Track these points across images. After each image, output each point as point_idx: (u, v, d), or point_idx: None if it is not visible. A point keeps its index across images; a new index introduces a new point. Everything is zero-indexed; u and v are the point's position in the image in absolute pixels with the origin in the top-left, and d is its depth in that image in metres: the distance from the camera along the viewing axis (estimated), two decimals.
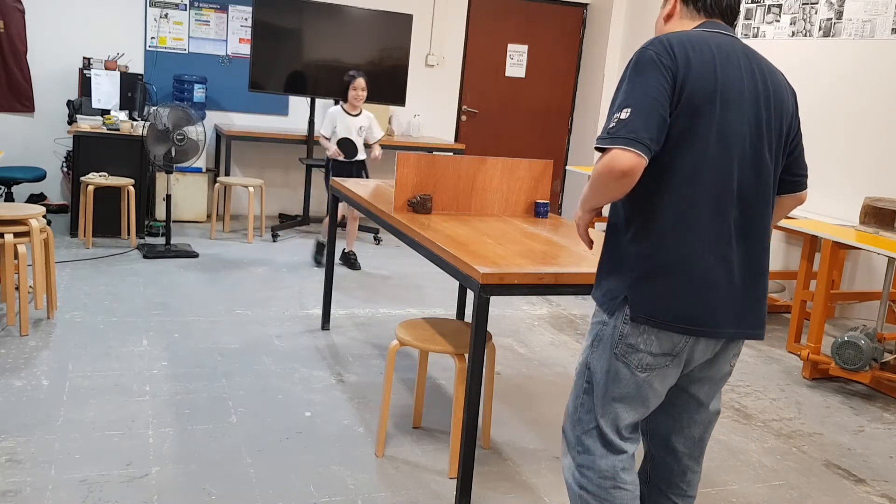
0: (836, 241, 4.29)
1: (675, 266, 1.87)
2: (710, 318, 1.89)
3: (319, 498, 2.75)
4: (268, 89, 6.60)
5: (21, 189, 6.53)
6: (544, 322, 5.03)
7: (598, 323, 2.03)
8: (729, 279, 1.90)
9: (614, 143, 1.78)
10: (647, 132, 1.78)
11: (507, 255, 2.77)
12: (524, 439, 3.35)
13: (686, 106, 1.83)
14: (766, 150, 1.93)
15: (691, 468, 2.17)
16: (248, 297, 4.95)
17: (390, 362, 3.05)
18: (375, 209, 3.59)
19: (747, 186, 1.90)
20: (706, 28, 1.97)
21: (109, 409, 3.27)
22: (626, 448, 2.03)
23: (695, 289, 1.87)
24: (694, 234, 1.87)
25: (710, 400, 2.11)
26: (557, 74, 8.36)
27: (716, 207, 1.87)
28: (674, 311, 1.88)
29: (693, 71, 1.83)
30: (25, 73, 6.63)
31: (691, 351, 1.95)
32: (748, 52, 1.96)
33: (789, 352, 4.84)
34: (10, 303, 4.01)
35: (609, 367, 1.98)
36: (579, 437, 2.05)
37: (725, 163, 1.87)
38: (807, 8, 5.99)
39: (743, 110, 1.88)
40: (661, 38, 1.88)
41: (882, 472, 3.37)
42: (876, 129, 5.43)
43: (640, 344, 1.93)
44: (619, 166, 1.77)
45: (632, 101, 1.80)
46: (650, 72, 1.82)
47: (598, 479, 2.02)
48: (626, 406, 2.00)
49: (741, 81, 1.89)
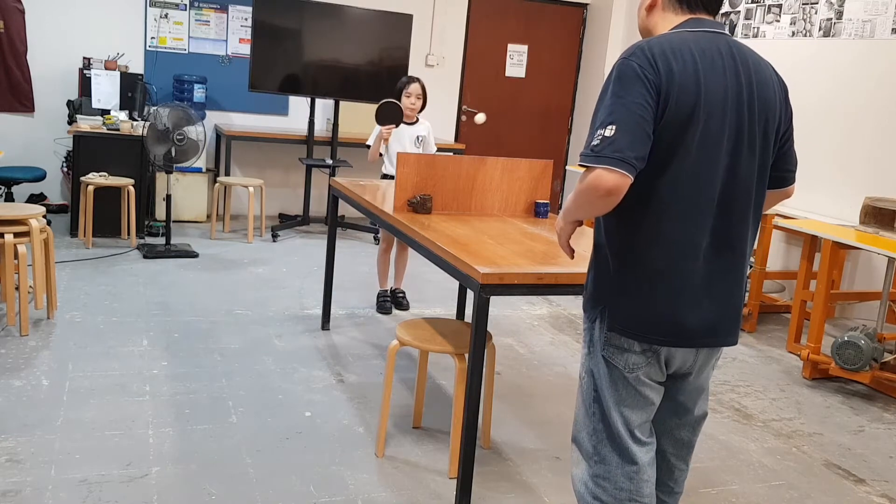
0: (836, 241, 4.29)
1: (652, 278, 1.88)
2: (686, 330, 1.91)
3: (319, 498, 2.75)
4: (268, 89, 6.60)
5: (21, 189, 6.53)
6: (544, 322, 5.03)
7: (587, 328, 2.04)
8: (706, 290, 1.90)
9: (599, 161, 1.76)
10: (633, 151, 1.76)
11: (507, 255, 2.77)
12: (524, 439, 3.35)
13: (669, 120, 1.81)
14: (749, 157, 1.91)
15: (678, 467, 2.19)
16: (248, 297, 4.95)
17: (390, 362, 3.05)
18: (375, 209, 3.59)
19: (727, 196, 1.89)
20: (689, 28, 1.92)
21: (109, 409, 3.27)
22: (642, 456, 2.02)
23: (671, 301, 1.89)
24: (672, 247, 1.86)
25: (696, 405, 2.12)
26: (557, 74, 8.36)
27: (695, 219, 1.86)
28: (649, 323, 1.90)
29: (676, 84, 1.80)
30: (25, 73, 6.63)
31: (669, 355, 1.96)
32: (734, 48, 1.91)
33: (789, 352, 4.84)
34: (10, 303, 4.01)
35: (606, 371, 1.99)
36: (595, 446, 2.03)
37: (706, 175, 1.85)
38: (807, 8, 5.99)
39: (725, 120, 1.85)
40: (642, 48, 1.83)
41: (882, 472, 3.37)
42: (876, 128, 5.43)
43: (623, 344, 1.95)
44: (604, 185, 1.76)
45: (616, 118, 1.77)
46: (634, 86, 1.78)
47: (615, 491, 2.01)
48: (631, 408, 1.99)
49: (724, 89, 1.85)
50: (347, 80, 6.69)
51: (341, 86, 6.70)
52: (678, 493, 2.22)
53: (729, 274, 1.93)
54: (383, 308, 4.88)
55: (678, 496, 2.23)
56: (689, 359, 1.99)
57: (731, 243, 1.92)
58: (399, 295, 5.04)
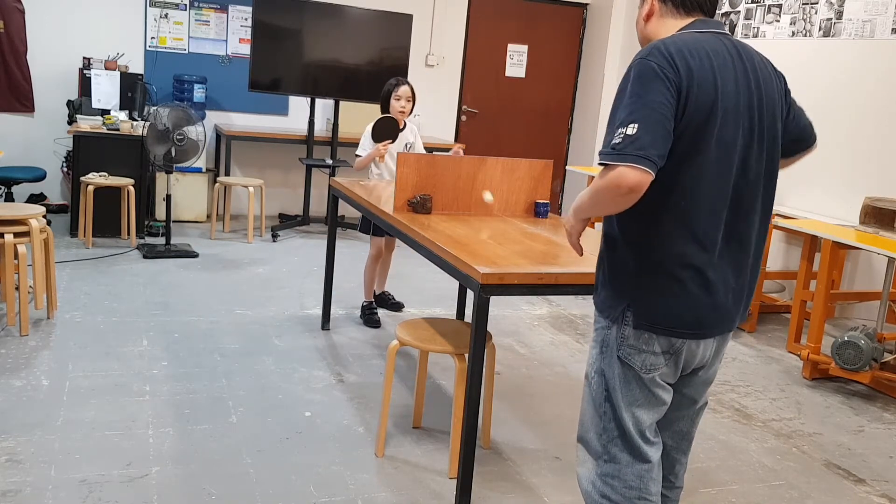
0: (836, 241, 4.29)
1: (673, 275, 1.90)
2: (707, 322, 1.94)
3: (319, 498, 2.75)
4: (268, 89, 6.60)
5: (21, 189, 6.52)
6: (544, 322, 5.03)
7: (601, 328, 2.04)
8: (723, 285, 1.94)
9: (622, 159, 1.76)
10: (655, 148, 1.78)
11: (507, 255, 2.77)
12: (524, 439, 3.35)
13: (689, 119, 1.83)
14: (758, 154, 1.95)
15: (679, 461, 2.21)
16: (248, 297, 4.95)
17: (390, 362, 3.05)
18: (375, 209, 3.59)
19: (740, 194, 1.93)
20: (696, 28, 1.95)
21: (109, 409, 3.27)
22: (652, 455, 2.04)
23: (692, 296, 1.91)
24: (693, 241, 1.89)
25: (700, 396, 2.15)
26: (557, 74, 8.36)
27: (713, 213, 1.90)
28: (674, 318, 1.92)
29: (695, 83, 1.82)
30: (25, 73, 6.63)
31: (689, 352, 1.98)
32: (739, 48, 1.95)
33: (789, 352, 4.84)
34: (10, 303, 4.01)
35: (620, 372, 2.00)
36: (605, 445, 2.04)
37: (722, 171, 1.88)
38: (807, 8, 5.99)
39: (739, 119, 1.89)
40: (660, 48, 1.85)
41: (882, 472, 3.37)
42: (876, 128, 5.43)
43: (641, 345, 1.96)
44: (627, 183, 1.77)
45: (638, 117, 1.78)
46: (654, 85, 1.80)
47: (624, 489, 2.03)
48: (644, 408, 2.01)
49: (736, 88, 1.89)
50: (347, 80, 6.69)
51: (341, 86, 6.70)
52: (679, 487, 2.24)
53: (739, 265, 1.97)
54: (371, 321, 4.63)
55: (679, 491, 2.25)
56: (709, 351, 2.03)
57: (740, 236, 1.96)
58: (389, 297, 4.97)
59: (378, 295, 4.94)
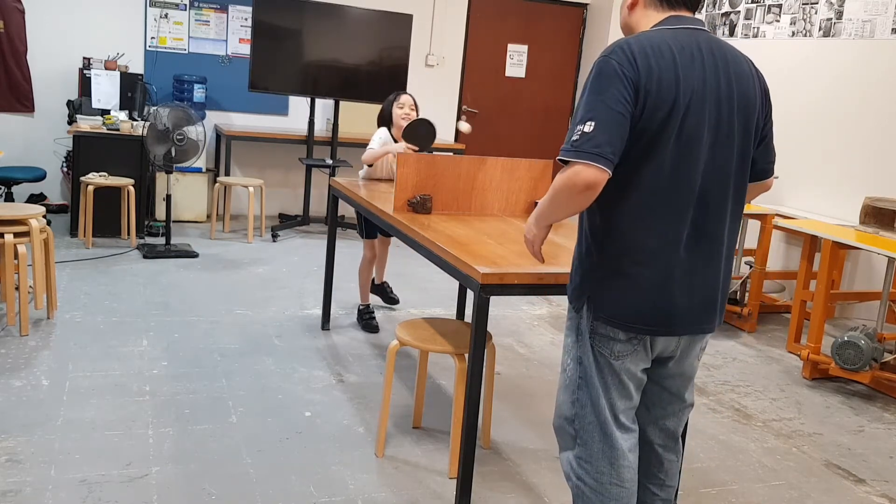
0: (836, 241, 4.29)
1: (634, 269, 1.93)
2: (666, 319, 1.96)
3: (319, 498, 2.75)
4: (268, 89, 6.60)
5: (21, 189, 6.53)
6: (544, 322, 5.04)
7: (573, 318, 2.09)
8: (687, 280, 1.96)
9: (578, 156, 1.82)
10: (611, 146, 1.82)
11: (507, 255, 2.77)
12: (524, 439, 3.35)
13: (649, 116, 1.85)
14: (727, 151, 1.96)
15: (668, 458, 2.23)
16: (248, 297, 4.95)
17: (390, 362, 3.05)
18: (375, 209, 3.59)
19: (706, 190, 1.94)
20: (669, 25, 1.97)
21: (109, 409, 3.27)
22: (623, 443, 2.06)
23: (653, 292, 1.94)
24: (654, 238, 1.92)
25: (683, 392, 2.17)
26: (557, 74, 8.36)
27: (676, 210, 1.92)
28: (632, 312, 1.95)
29: (655, 80, 1.85)
30: (25, 73, 6.63)
31: (652, 342, 2.02)
32: (713, 44, 1.96)
33: (789, 352, 4.84)
34: (10, 303, 4.01)
35: (594, 358, 2.04)
36: (578, 430, 2.10)
37: (686, 167, 1.90)
38: (807, 8, 5.99)
39: (704, 115, 1.90)
40: (622, 46, 1.88)
41: (882, 472, 3.37)
42: (876, 128, 5.43)
43: (609, 333, 2.00)
44: (583, 180, 1.81)
45: (595, 115, 1.83)
46: (612, 84, 1.83)
47: (596, 474, 2.07)
48: (618, 394, 2.05)
49: (703, 85, 1.90)
50: (347, 80, 6.69)
51: (341, 86, 6.70)
52: (670, 486, 2.25)
53: (709, 263, 1.99)
54: (369, 326, 4.52)
55: (671, 490, 2.26)
56: (671, 345, 2.05)
57: (710, 234, 1.97)
58: (388, 289, 4.96)
59: (377, 285, 4.93)
